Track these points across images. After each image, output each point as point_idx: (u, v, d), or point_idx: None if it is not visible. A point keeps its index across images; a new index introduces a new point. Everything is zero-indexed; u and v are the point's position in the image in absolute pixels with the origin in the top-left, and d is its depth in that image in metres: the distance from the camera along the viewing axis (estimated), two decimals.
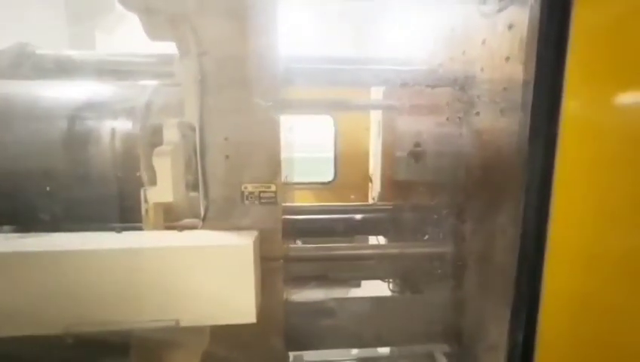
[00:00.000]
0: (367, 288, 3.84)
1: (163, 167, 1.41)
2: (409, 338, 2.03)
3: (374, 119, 3.62)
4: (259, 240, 1.43)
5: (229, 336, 1.48)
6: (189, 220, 1.59)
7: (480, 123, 1.63)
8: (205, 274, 1.28)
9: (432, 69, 2.05)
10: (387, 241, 2.91)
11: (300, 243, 2.78)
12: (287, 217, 1.69)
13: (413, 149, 2.33)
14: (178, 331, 1.29)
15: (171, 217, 1.56)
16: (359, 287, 4.24)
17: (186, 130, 1.49)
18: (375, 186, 3.54)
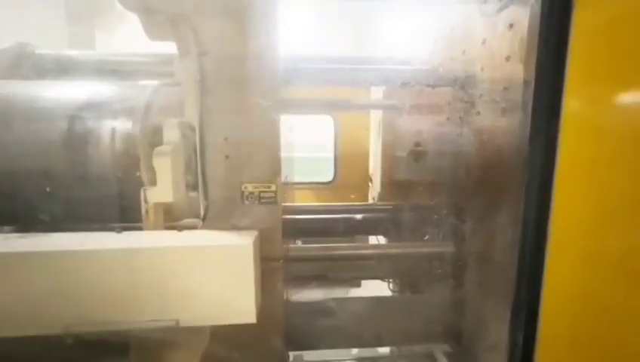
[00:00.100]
0: (367, 288, 3.84)
1: (163, 167, 1.41)
2: (409, 338, 2.03)
3: (374, 119, 3.62)
4: (259, 240, 1.43)
5: (229, 336, 1.48)
6: (189, 220, 1.59)
7: (480, 122, 1.63)
8: (205, 274, 1.28)
9: (433, 69, 2.05)
10: (387, 241, 2.91)
11: (300, 243, 2.78)
12: (287, 217, 1.69)
13: (413, 149, 2.33)
14: (178, 331, 1.28)
15: (171, 217, 1.56)
16: (359, 287, 4.24)
17: (186, 130, 1.49)
18: (375, 186, 3.54)
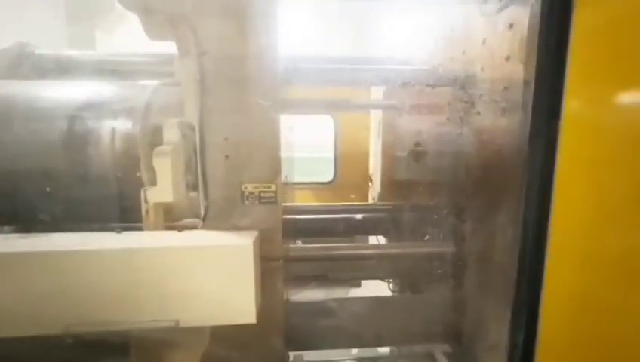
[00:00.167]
0: (367, 288, 3.84)
1: (163, 167, 1.41)
2: (409, 338, 2.03)
3: (374, 119, 3.62)
4: (259, 240, 1.43)
5: (229, 336, 1.48)
6: (189, 220, 1.59)
7: (480, 122, 1.63)
8: (205, 274, 1.28)
9: (433, 69, 2.05)
10: (387, 241, 2.91)
11: (300, 243, 2.78)
12: (287, 217, 1.69)
13: (413, 149, 2.33)
14: (178, 331, 1.28)
15: (171, 217, 1.56)
16: (359, 287, 4.24)
17: (186, 130, 1.49)
18: (375, 186, 3.54)
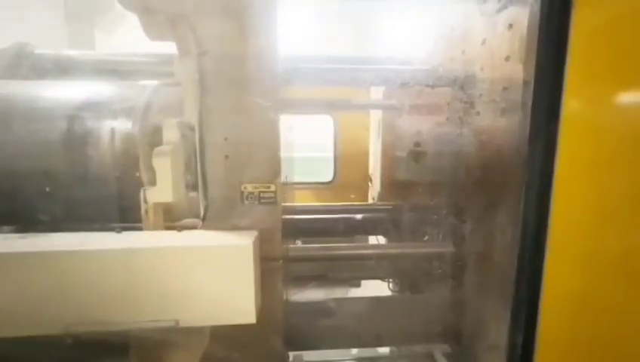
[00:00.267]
0: (367, 288, 3.84)
1: (162, 167, 1.41)
2: (409, 338, 2.03)
3: (374, 119, 3.62)
4: (259, 240, 1.43)
5: (229, 336, 1.48)
6: (189, 220, 1.59)
7: (480, 123, 1.63)
8: (205, 274, 1.28)
9: (432, 69, 2.05)
10: (387, 241, 2.91)
11: (300, 243, 2.78)
12: (287, 217, 1.69)
13: (413, 149, 2.33)
14: (178, 331, 1.28)
15: (171, 217, 1.56)
16: (359, 287, 4.24)
17: (186, 130, 1.49)
18: (375, 186, 3.54)
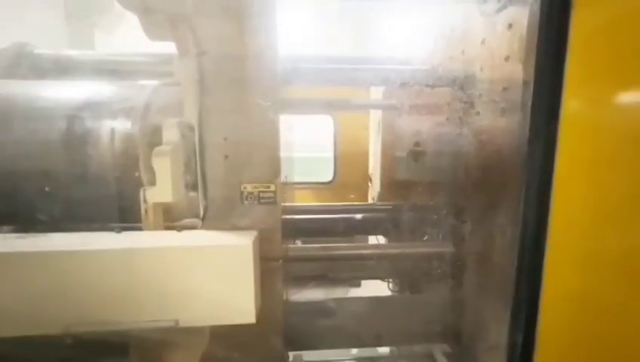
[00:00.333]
0: (367, 288, 3.84)
1: (162, 167, 1.41)
2: (409, 338, 2.03)
3: (374, 119, 3.62)
4: (258, 240, 1.43)
5: (229, 336, 1.48)
6: (189, 220, 1.59)
7: (480, 123, 1.63)
8: (205, 274, 1.28)
9: (432, 69, 2.05)
10: (387, 241, 2.91)
11: (300, 243, 2.78)
12: (287, 217, 1.69)
13: (412, 149, 2.33)
14: (178, 331, 1.28)
15: (171, 217, 1.56)
16: (359, 287, 4.25)
17: (185, 130, 1.49)
18: (375, 186, 3.54)
